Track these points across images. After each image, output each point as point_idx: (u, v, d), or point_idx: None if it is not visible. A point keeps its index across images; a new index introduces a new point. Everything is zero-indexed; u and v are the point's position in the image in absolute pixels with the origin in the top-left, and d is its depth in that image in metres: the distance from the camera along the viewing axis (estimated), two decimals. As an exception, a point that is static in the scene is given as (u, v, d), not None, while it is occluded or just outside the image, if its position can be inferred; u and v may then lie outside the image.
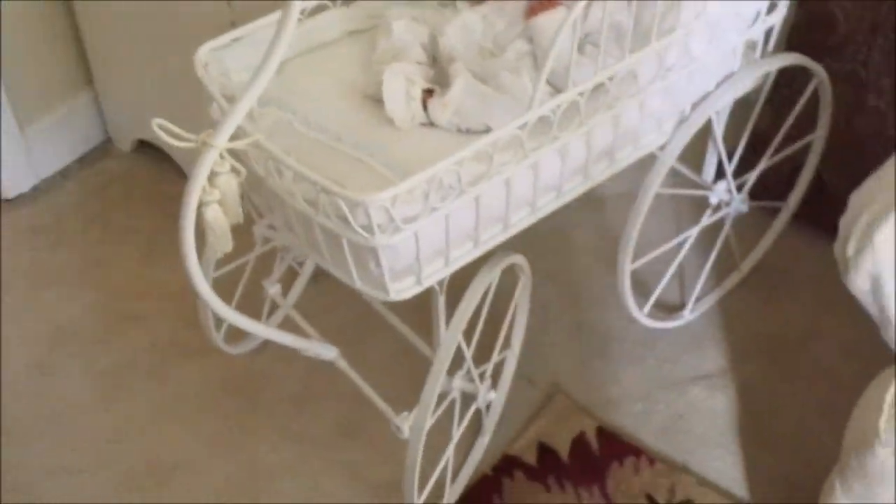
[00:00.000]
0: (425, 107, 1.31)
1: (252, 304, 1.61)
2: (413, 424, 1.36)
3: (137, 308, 1.84)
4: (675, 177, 1.68)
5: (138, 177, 2.08)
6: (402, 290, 1.27)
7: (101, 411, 1.69)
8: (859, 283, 1.16)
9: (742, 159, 1.79)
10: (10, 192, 2.03)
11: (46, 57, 2.00)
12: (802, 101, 1.70)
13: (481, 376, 1.51)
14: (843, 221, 1.18)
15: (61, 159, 2.10)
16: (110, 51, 1.97)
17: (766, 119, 1.90)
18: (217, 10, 1.76)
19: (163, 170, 2.07)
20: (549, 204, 1.39)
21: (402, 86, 1.30)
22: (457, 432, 1.52)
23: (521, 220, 1.36)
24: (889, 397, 1.15)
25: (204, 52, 1.35)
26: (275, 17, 1.37)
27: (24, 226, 1.99)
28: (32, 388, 1.73)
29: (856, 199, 1.18)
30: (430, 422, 1.36)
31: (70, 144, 2.10)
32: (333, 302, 1.81)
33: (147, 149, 2.10)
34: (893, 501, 1.14)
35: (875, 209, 1.12)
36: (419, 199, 1.19)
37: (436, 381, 1.33)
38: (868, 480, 1.15)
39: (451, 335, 1.33)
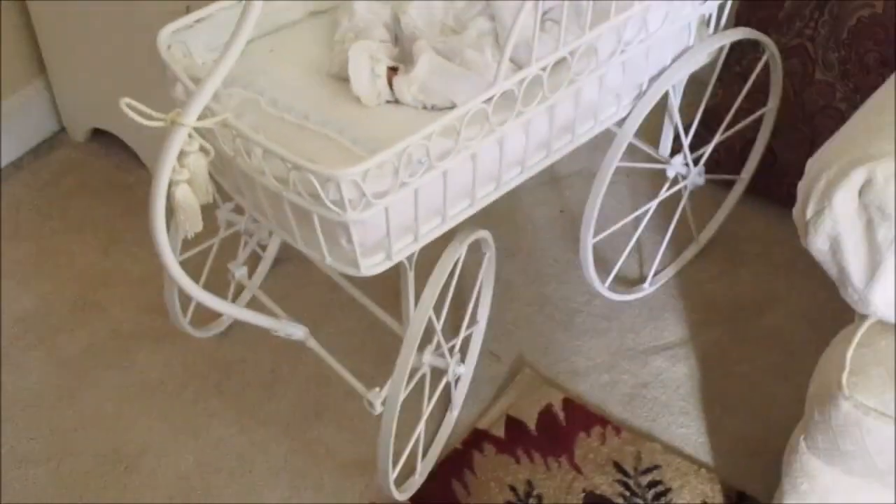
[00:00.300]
0: (391, 84, 1.32)
1: (216, 289, 1.60)
2: (387, 398, 1.37)
3: (98, 296, 1.83)
4: (632, 153, 1.71)
5: (94, 166, 2.06)
6: (373, 265, 1.28)
7: (65, 400, 1.68)
8: (819, 245, 1.19)
9: (696, 136, 1.83)
10: (-39, 186, 2.01)
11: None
12: (755, 73, 1.74)
13: (451, 351, 1.53)
14: (801, 186, 1.21)
15: (15, 150, 2.07)
16: (63, 39, 1.95)
17: (717, 96, 1.94)
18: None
19: (118, 158, 2.05)
20: (513, 179, 1.41)
21: (366, 63, 1.31)
22: (427, 407, 1.53)
23: (487, 194, 1.38)
24: (850, 353, 1.19)
25: (166, 35, 1.34)
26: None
27: (-21, 219, 1.97)
28: (-6, 380, 1.71)
29: (812, 164, 1.21)
30: (402, 396, 1.37)
31: (23, 135, 2.07)
32: (297, 284, 1.81)
33: (102, 137, 2.08)
34: (856, 451, 1.19)
35: (832, 172, 1.16)
36: (389, 174, 1.20)
37: (408, 354, 1.34)
38: (832, 434, 1.19)
39: (422, 309, 1.34)
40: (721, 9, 1.59)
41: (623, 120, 1.54)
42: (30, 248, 1.91)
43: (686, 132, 1.71)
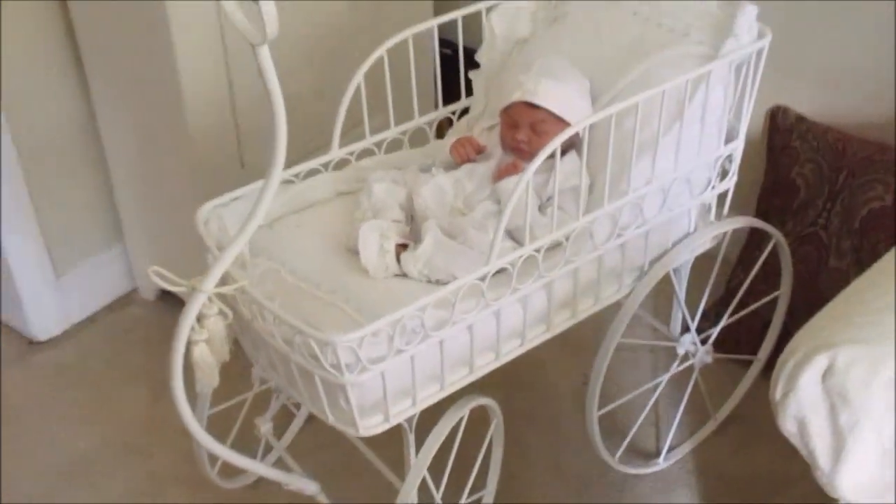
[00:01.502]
0: (399, 259, 1.40)
1: (249, 440, 1.67)
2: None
3: (143, 442, 1.90)
4: (648, 330, 1.73)
5: (159, 322, 2.17)
6: (371, 426, 1.32)
7: (103, 541, 1.74)
8: (788, 426, 1.20)
9: (717, 313, 1.85)
10: (41, 336, 2.13)
11: (83, 216, 2.12)
12: (760, 260, 1.77)
13: (453, 514, 1.54)
14: (776, 369, 1.23)
15: (92, 305, 2.19)
16: (139, 211, 2.10)
17: (736, 277, 1.97)
18: (232, 174, 1.90)
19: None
20: (513, 350, 1.44)
21: (376, 240, 1.38)
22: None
23: (487, 364, 1.41)
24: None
25: (206, 210, 1.45)
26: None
27: (51, 365, 2.08)
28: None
29: (788, 347, 1.23)
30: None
31: (100, 292, 2.20)
32: (328, 440, 1.84)
33: (169, 297, 2.19)
34: None
35: (798, 357, 1.17)
36: (384, 341, 1.25)
37: (400, 516, 1.36)
38: None
39: (414, 472, 1.36)
40: (722, 199, 1.63)
41: (626, 297, 1.58)
42: (91, 394, 2.01)
43: (696, 311, 1.73)
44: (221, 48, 1.78)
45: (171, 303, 2.20)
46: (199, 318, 1.26)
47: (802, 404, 1.16)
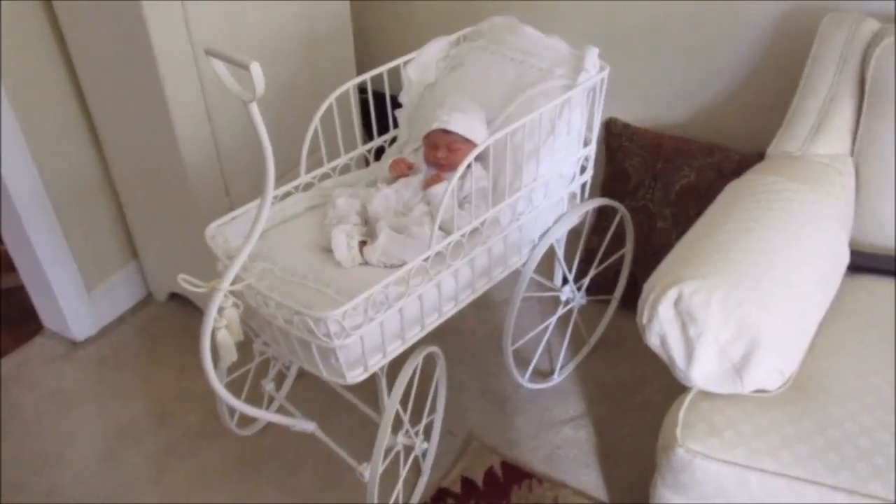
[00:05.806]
0: (362, 252, 1.39)
1: (255, 398, 1.63)
2: (370, 471, 1.38)
3: (174, 408, 1.84)
4: (538, 285, 1.76)
5: (171, 318, 2.10)
6: (355, 376, 1.31)
7: (152, 484, 1.67)
8: (652, 340, 1.24)
9: (580, 270, 1.90)
10: (80, 336, 2.03)
11: (104, 241, 2.03)
12: (613, 226, 1.82)
13: (416, 433, 1.54)
14: (640, 301, 1.27)
15: (117, 310, 2.10)
16: (148, 234, 2.02)
17: (595, 242, 2.02)
18: (219, 200, 1.84)
19: (188, 312, 2.09)
20: (450, 310, 1.44)
21: (344, 240, 1.37)
22: (403, 474, 1.53)
23: (433, 322, 1.41)
24: (681, 413, 1.22)
25: (212, 228, 1.40)
26: (256, 203, 1.45)
27: (93, 358, 1.99)
28: (103, 470, 1.69)
29: (646, 286, 1.27)
30: (381, 468, 1.37)
31: (123, 299, 2.11)
32: (314, 391, 1.82)
33: (177, 298, 2.12)
34: (691, 483, 1.19)
35: (656, 291, 1.22)
36: (361, 313, 1.24)
37: (383, 438, 1.35)
38: (674, 472, 1.20)
39: (390, 404, 1.36)
40: (583, 187, 1.67)
41: (525, 263, 1.60)
42: (127, 376, 1.93)
43: (570, 268, 1.77)
44: (205, 109, 1.72)
45: (179, 302, 2.13)
46: (219, 310, 1.22)
47: (662, 324, 1.21)
